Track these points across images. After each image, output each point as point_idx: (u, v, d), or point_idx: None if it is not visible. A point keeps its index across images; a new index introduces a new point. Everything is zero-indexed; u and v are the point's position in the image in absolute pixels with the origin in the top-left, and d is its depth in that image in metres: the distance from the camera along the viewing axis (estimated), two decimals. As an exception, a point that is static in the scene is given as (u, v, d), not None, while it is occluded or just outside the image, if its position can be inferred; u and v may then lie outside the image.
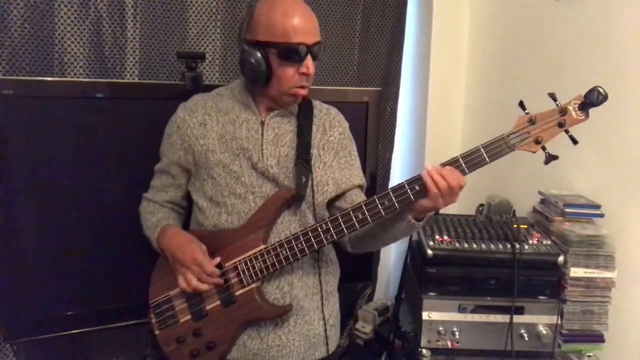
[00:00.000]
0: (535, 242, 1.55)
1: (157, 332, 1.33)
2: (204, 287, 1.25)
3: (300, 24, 1.18)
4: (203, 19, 1.85)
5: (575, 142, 1.13)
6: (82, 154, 1.57)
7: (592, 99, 1.09)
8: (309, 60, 1.21)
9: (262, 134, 1.29)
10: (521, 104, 1.13)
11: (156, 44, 1.80)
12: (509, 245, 1.52)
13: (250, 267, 1.25)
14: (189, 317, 1.30)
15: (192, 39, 1.85)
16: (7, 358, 1.74)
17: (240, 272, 1.26)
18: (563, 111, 1.11)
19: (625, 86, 1.51)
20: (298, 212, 1.30)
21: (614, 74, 1.55)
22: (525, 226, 1.63)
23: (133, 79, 1.78)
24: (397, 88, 2.26)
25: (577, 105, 1.11)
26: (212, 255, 1.26)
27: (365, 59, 2.16)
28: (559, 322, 1.48)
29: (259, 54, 1.20)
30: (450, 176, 1.10)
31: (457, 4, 2.21)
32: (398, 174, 2.40)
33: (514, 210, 1.79)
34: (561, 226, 1.55)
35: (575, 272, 1.47)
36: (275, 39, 1.18)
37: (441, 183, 1.10)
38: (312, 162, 1.30)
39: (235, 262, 1.26)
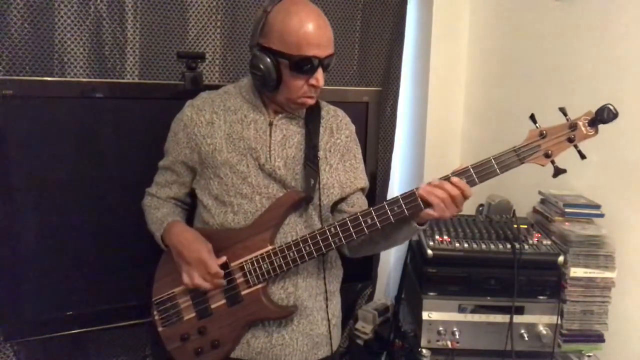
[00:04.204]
0: (535, 242, 1.55)
1: (160, 328, 1.34)
2: (206, 285, 1.24)
3: (314, 37, 1.16)
4: (203, 19, 1.85)
5: (583, 157, 1.14)
6: (82, 154, 1.57)
7: (602, 117, 1.10)
8: (319, 73, 1.20)
9: (270, 135, 1.28)
10: (532, 118, 1.14)
11: (156, 44, 1.80)
12: (509, 245, 1.52)
13: (257, 268, 1.25)
14: (193, 314, 1.30)
15: (192, 39, 1.85)
16: (7, 358, 1.74)
17: (247, 272, 1.26)
18: (573, 126, 1.12)
19: (625, 86, 1.51)
20: (304, 214, 1.30)
21: (614, 74, 1.55)
22: (525, 226, 1.63)
23: (133, 79, 1.78)
24: (397, 88, 2.25)
25: (587, 121, 1.12)
26: (218, 253, 1.26)
27: (365, 59, 2.15)
28: (559, 322, 1.48)
29: (270, 62, 1.18)
30: (450, 188, 1.13)
31: (457, 4, 2.21)
32: (398, 174, 2.39)
33: (514, 210, 1.78)
34: (561, 226, 1.55)
35: (575, 272, 1.47)
36: (288, 50, 1.16)
37: (443, 196, 1.13)
38: (319, 164, 1.29)
39: (242, 262, 1.26)
